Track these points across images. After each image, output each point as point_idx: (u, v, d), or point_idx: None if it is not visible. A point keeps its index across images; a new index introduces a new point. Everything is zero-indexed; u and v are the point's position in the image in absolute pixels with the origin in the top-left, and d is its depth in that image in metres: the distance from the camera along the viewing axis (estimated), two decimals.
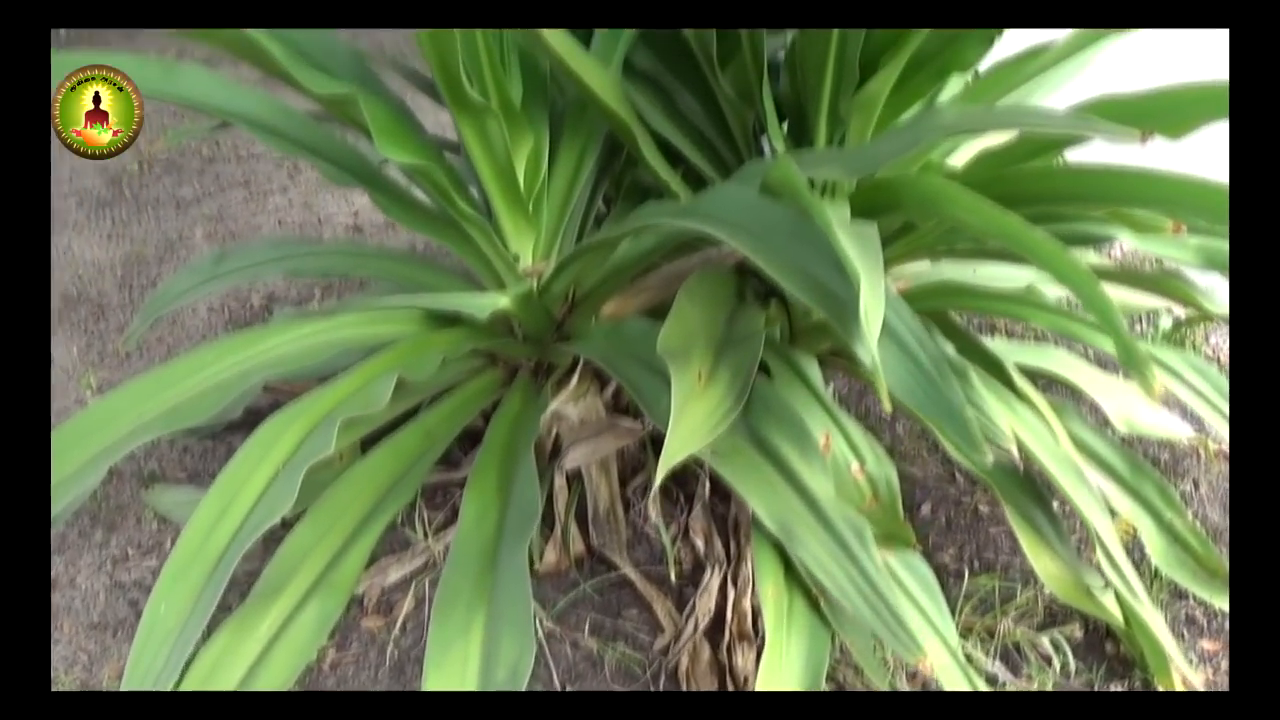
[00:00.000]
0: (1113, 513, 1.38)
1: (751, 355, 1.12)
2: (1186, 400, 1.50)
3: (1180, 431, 1.66)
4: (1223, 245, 1.39)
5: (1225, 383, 1.50)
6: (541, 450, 1.64)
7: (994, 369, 1.45)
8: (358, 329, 1.43)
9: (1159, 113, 1.20)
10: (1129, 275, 1.50)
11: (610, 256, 1.46)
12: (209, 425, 1.87)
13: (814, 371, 1.36)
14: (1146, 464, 1.45)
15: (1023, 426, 1.37)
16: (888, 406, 0.95)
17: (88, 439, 1.16)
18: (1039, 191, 1.20)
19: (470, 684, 1.02)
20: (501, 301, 1.41)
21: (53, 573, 1.65)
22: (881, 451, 1.29)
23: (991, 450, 1.22)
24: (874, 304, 0.87)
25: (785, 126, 1.52)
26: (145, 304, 1.75)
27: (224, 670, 1.10)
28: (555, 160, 1.50)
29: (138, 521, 1.75)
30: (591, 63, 1.35)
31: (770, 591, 1.17)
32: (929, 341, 1.04)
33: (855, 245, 0.91)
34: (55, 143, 1.30)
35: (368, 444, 1.44)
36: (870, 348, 0.89)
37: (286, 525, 1.25)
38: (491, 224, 1.44)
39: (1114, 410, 1.59)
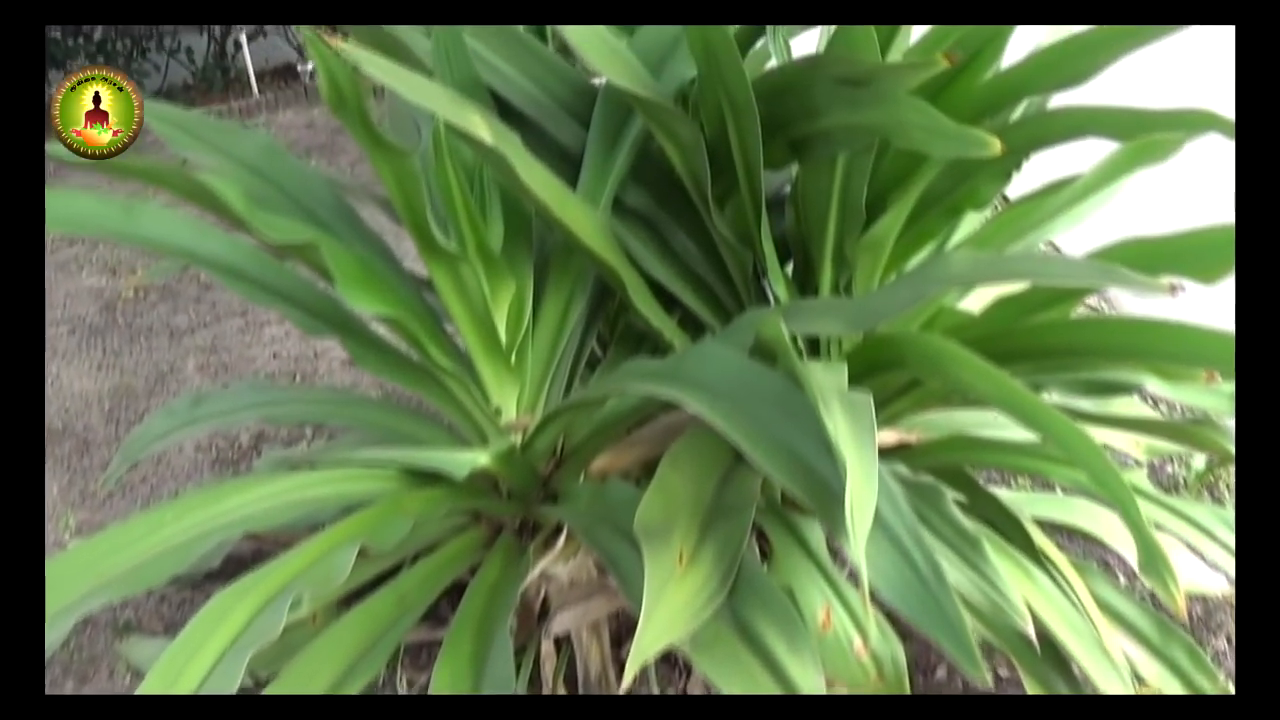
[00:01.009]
0: (1139, 679, 1.26)
1: (740, 531, 1.00)
2: (1217, 558, 1.39)
3: (1213, 585, 1.54)
4: None
5: None
6: (530, 611, 1.52)
7: (1010, 527, 1.34)
8: (332, 486, 1.32)
9: (1190, 256, 1.12)
10: (1156, 426, 1.38)
11: (599, 410, 1.37)
12: (189, 574, 1.78)
13: (816, 536, 1.25)
14: (1175, 625, 1.33)
15: (1040, 596, 1.26)
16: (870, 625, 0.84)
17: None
18: (1057, 345, 1.11)
19: None
20: (481, 459, 1.30)
21: None
22: (887, 626, 1.17)
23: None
24: (862, 497, 0.77)
25: (790, 268, 1.44)
26: (124, 445, 1.68)
27: None
28: (540, 306, 1.41)
29: (110, 674, 1.64)
30: (577, 206, 1.28)
31: None
32: (924, 542, 0.93)
33: (847, 424, 0.81)
34: (50, 273, 1.25)
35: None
36: (856, 548, 0.78)
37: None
38: (471, 375, 1.35)
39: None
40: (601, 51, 1.18)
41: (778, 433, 0.89)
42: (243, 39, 4.94)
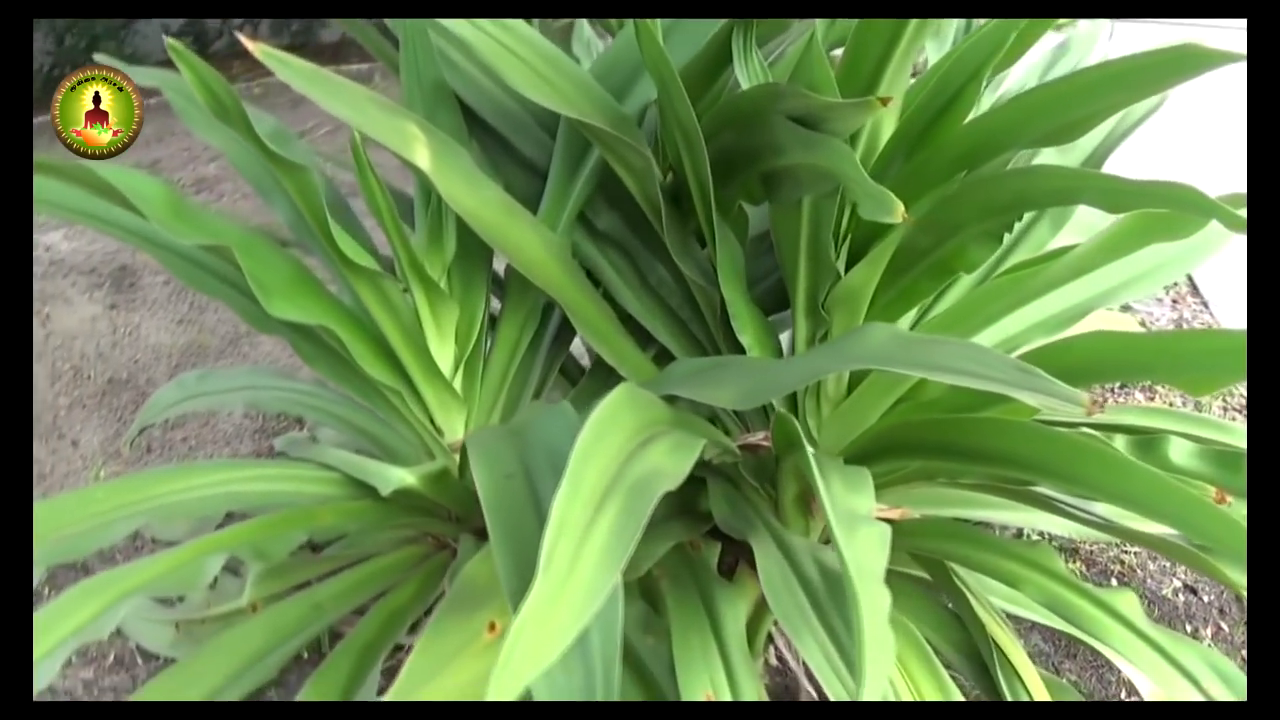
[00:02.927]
0: None
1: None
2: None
3: None
4: None
5: None
6: None
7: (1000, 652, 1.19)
8: (268, 484, 1.30)
9: (1186, 361, 0.95)
10: (1160, 544, 1.19)
11: None
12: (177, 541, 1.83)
13: (735, 612, 1.13)
14: None
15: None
16: None
17: None
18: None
19: None
20: (408, 479, 1.25)
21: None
22: None
23: None
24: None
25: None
26: (141, 410, 1.73)
27: None
28: (500, 325, 1.35)
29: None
30: (527, 229, 1.20)
31: None
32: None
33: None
34: None
35: None
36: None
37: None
38: (414, 393, 1.30)
39: (1150, 690, 1.28)
40: (514, 63, 1.08)
41: None
42: None
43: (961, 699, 1.07)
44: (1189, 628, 1.75)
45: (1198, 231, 0.99)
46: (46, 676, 0.91)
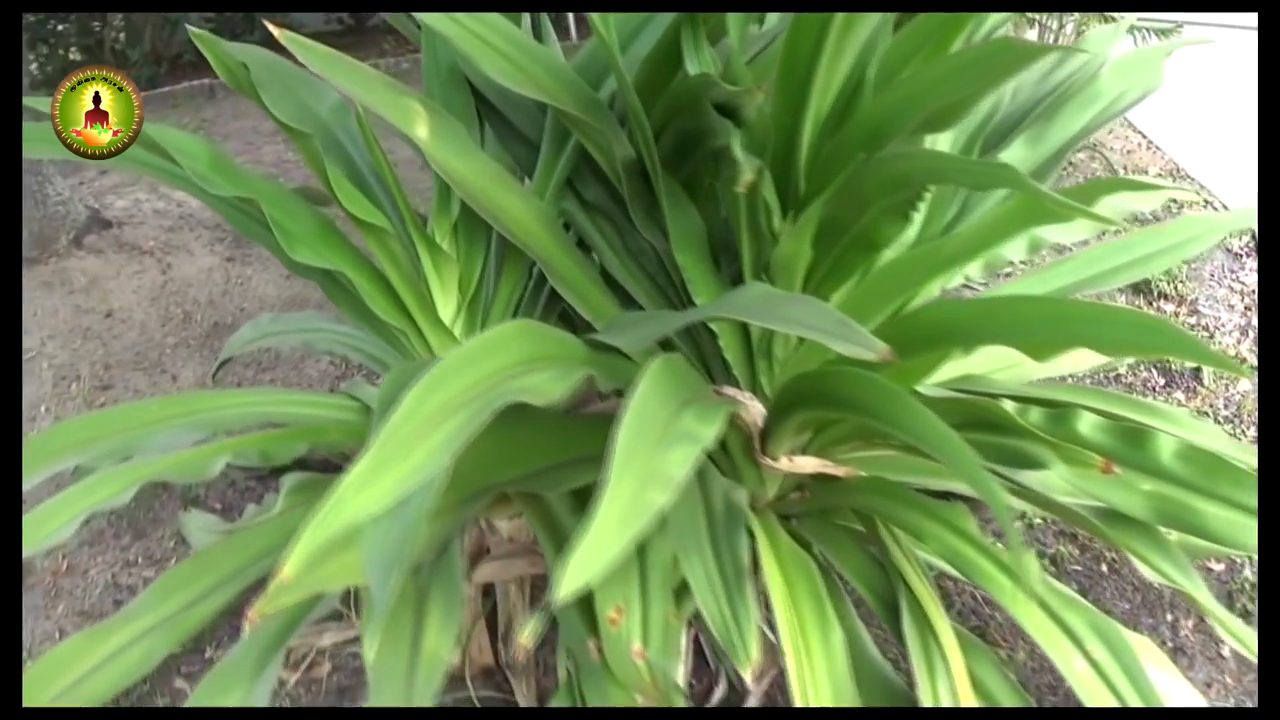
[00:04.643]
0: None
1: None
2: None
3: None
4: (1177, 492, 1.19)
5: None
6: (464, 555, 1.66)
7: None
8: (293, 408, 1.52)
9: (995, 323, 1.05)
10: (1063, 511, 1.27)
11: None
12: (258, 467, 2.09)
13: (659, 544, 1.28)
14: None
15: None
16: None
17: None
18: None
19: None
20: None
21: (76, 560, 1.89)
22: (678, 643, 1.19)
23: None
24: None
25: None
26: (225, 346, 1.99)
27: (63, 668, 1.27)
28: (500, 280, 1.53)
29: (162, 537, 1.96)
30: (515, 196, 1.36)
31: None
32: None
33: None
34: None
35: None
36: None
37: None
38: (420, 337, 1.49)
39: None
40: (490, 53, 1.24)
41: None
42: None
43: (841, 635, 1.18)
44: (1170, 616, 1.79)
45: (1075, 219, 1.08)
46: (64, 534, 1.14)
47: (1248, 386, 2.38)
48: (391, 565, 0.81)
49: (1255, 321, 2.70)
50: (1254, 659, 1.28)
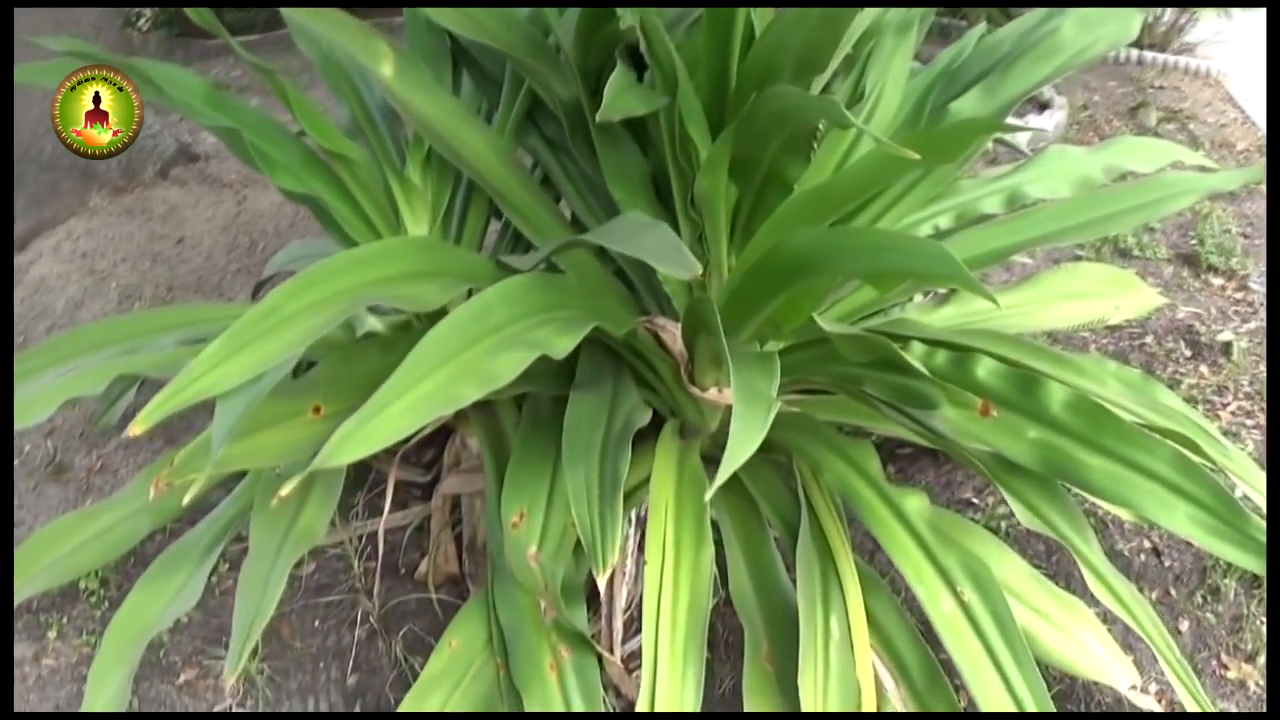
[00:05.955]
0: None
1: None
2: None
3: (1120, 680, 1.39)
4: (1063, 442, 1.21)
5: None
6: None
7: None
8: None
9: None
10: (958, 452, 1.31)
11: None
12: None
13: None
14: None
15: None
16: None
17: None
18: None
19: None
20: (377, 326, 1.57)
21: (110, 460, 2.09)
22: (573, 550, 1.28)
23: None
24: None
25: None
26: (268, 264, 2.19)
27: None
28: (468, 211, 1.63)
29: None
30: (473, 130, 1.47)
31: None
32: None
33: None
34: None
35: None
36: None
37: None
38: None
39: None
40: None
41: None
42: None
43: (711, 552, 1.25)
44: (1137, 586, 1.78)
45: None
46: (39, 416, 1.31)
47: None
48: (230, 430, 0.94)
49: None
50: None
